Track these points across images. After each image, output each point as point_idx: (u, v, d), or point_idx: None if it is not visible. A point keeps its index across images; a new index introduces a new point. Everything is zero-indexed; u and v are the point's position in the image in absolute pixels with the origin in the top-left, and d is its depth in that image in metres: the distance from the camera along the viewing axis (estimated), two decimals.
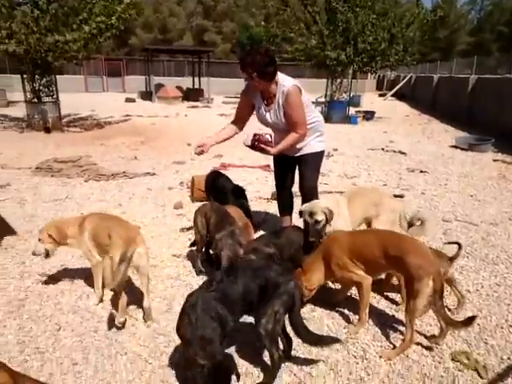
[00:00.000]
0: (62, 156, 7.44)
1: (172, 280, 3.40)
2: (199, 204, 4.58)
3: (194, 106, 19.58)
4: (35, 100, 11.14)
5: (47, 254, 3.07)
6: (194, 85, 24.80)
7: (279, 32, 15.37)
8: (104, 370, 2.36)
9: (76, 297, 3.13)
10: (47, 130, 10.60)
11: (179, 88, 23.31)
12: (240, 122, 3.77)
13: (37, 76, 10.96)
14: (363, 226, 3.58)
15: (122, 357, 2.47)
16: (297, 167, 3.93)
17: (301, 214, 3.32)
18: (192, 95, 22.71)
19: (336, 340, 2.41)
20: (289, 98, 3.41)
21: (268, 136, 3.54)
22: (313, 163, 3.80)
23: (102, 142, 9.46)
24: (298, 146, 3.66)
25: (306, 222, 3.23)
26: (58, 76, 11.65)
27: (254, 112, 3.74)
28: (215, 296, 2.06)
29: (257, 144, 3.51)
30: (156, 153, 8.40)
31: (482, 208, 5.27)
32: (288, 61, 17.82)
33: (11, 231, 4.29)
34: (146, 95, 22.68)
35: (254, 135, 3.51)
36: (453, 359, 2.46)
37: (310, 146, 3.72)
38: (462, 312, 2.93)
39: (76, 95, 21.10)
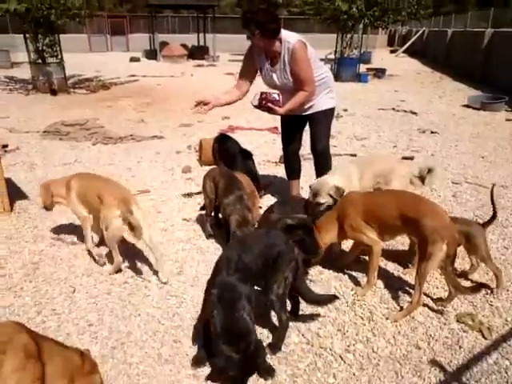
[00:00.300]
0: (69, 119, 7.41)
1: (183, 243, 3.46)
2: (207, 168, 4.62)
3: (199, 65, 19.18)
4: (39, 61, 10.96)
5: (46, 208, 3.28)
6: (199, 42, 24.17)
7: None
8: (118, 331, 2.45)
9: (89, 259, 3.21)
10: (53, 92, 10.49)
11: (184, 46, 22.75)
12: (243, 86, 3.65)
13: (40, 36, 10.74)
14: None
15: (136, 318, 2.56)
16: (306, 127, 3.88)
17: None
18: (197, 53, 22.21)
19: (334, 297, 2.50)
20: (294, 54, 3.31)
21: (275, 95, 3.44)
22: (324, 121, 3.72)
23: (108, 104, 9.38)
24: (307, 105, 3.59)
25: (308, 200, 3.23)
26: (60, 36, 11.39)
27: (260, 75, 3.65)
28: (238, 278, 2.03)
29: (264, 103, 3.42)
30: (163, 115, 8.33)
31: (493, 170, 5.21)
32: (297, 15, 17.20)
33: (23, 195, 4.36)
34: (151, 54, 22.20)
35: (261, 94, 3.43)
36: (458, 321, 2.51)
37: (320, 103, 3.62)
38: (471, 276, 2.96)
39: (80, 55, 20.71)
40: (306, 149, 4.32)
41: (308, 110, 3.64)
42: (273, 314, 2.40)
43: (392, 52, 26.02)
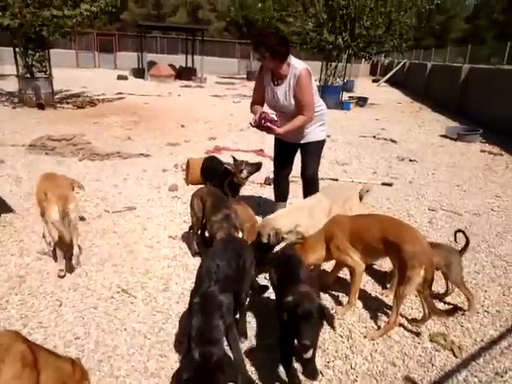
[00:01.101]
0: (55, 134, 7.45)
1: (169, 260, 3.54)
2: (194, 187, 4.73)
3: (186, 86, 19.45)
4: (28, 75, 11.00)
5: None
6: (187, 63, 24.55)
7: (276, 13, 15.23)
8: (105, 345, 2.50)
9: (75, 275, 3.25)
10: (40, 107, 10.51)
11: (172, 66, 23.07)
12: (258, 104, 3.81)
13: (30, 51, 10.80)
14: None
15: (122, 332, 2.61)
16: (297, 155, 4.10)
17: None
18: (185, 74, 22.52)
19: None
20: (300, 80, 3.52)
21: (273, 115, 3.61)
22: (316, 151, 3.98)
23: (95, 121, 9.45)
24: (303, 133, 3.80)
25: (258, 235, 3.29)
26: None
27: None
28: (219, 288, 2.12)
29: (263, 122, 3.58)
30: (150, 133, 8.44)
31: (467, 198, 5.47)
32: None
33: (8, 209, 4.37)
34: (139, 72, 22.41)
35: (261, 114, 3.60)
36: (431, 340, 2.65)
37: (314, 133, 3.87)
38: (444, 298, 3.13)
39: (67, 70, 20.77)
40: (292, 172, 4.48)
41: (303, 138, 3.86)
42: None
43: (374, 81, 26.89)
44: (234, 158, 4.45)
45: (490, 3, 42.51)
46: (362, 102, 15.03)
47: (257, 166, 4.33)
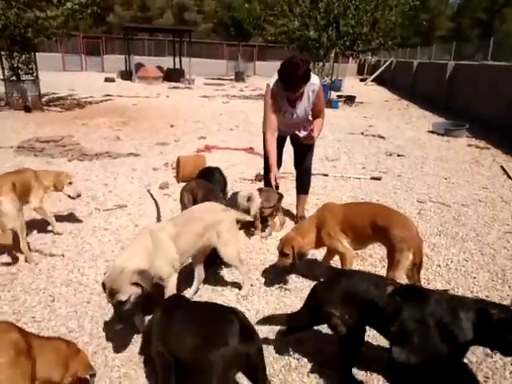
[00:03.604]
0: (43, 135, 7.40)
1: None
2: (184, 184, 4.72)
3: (175, 87, 19.41)
4: (14, 78, 10.90)
5: None
6: (174, 65, 24.48)
7: (261, 12, 15.30)
8: (99, 337, 2.51)
9: (68, 271, 3.25)
10: (27, 109, 10.43)
11: (160, 68, 23.01)
12: (274, 128, 3.76)
13: (15, 53, 10.71)
14: None
15: (116, 325, 2.61)
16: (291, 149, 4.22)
17: None
18: (173, 76, 22.46)
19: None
20: (319, 93, 3.75)
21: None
22: (313, 146, 4.14)
23: (83, 122, 9.40)
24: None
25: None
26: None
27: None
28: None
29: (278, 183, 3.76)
30: (139, 134, 8.42)
31: (455, 190, 5.55)
32: (271, 42, 17.76)
33: None
34: (126, 75, 22.29)
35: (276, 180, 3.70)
36: None
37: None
38: (434, 285, 3.18)
39: (54, 74, 20.57)
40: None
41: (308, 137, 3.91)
42: None
43: (362, 80, 27.06)
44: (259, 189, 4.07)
45: (472, 2, 43.18)
46: (349, 100, 15.13)
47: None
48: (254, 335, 1.86)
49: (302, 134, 3.88)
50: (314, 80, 3.66)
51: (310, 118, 3.98)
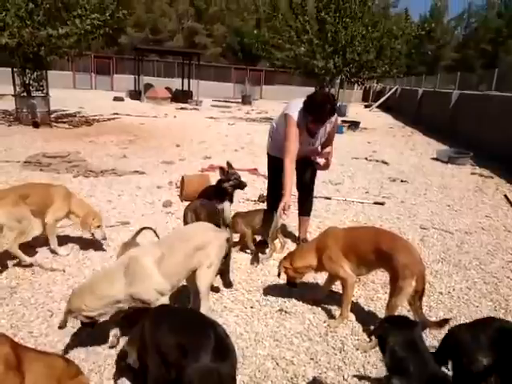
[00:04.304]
0: (50, 151, 7.49)
1: None
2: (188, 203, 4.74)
3: (182, 108, 19.68)
4: (24, 94, 11.11)
5: None
6: (183, 86, 24.90)
7: (270, 38, 15.64)
8: (96, 353, 2.48)
9: (68, 286, 3.23)
10: (36, 125, 10.58)
11: (168, 89, 23.39)
12: (294, 156, 3.74)
13: (27, 70, 10.94)
14: None
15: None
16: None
17: None
18: (181, 97, 22.82)
19: None
20: (335, 124, 3.92)
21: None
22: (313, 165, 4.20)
23: (90, 139, 9.51)
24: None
25: None
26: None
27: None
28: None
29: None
30: (145, 152, 8.50)
31: (458, 217, 5.54)
32: (278, 67, 18.06)
33: None
34: (135, 95, 22.69)
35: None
36: None
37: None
38: (435, 312, 3.15)
39: (64, 91, 20.96)
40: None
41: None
42: None
43: (366, 107, 27.37)
44: (228, 163, 4.48)
45: (478, 33, 43.91)
46: (354, 126, 15.25)
47: (243, 184, 4.39)
48: (229, 353, 1.81)
49: (319, 160, 4.01)
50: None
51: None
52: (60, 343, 2.56)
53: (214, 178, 5.85)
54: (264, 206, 4.76)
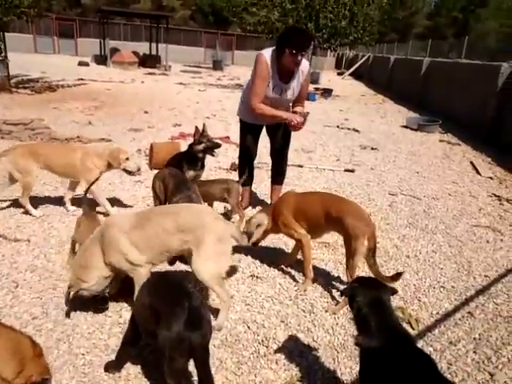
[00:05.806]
0: (11, 118, 7.13)
1: None
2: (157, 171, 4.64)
3: (150, 73, 19.04)
4: None
5: None
6: (151, 51, 24.02)
7: (242, 2, 15.16)
8: (64, 324, 2.44)
9: (33, 256, 3.14)
10: None
11: (135, 53, 22.52)
12: (261, 98, 3.61)
13: None
14: None
15: (82, 312, 2.55)
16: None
17: None
18: (149, 61, 22.07)
19: None
20: (307, 75, 3.65)
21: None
22: (290, 134, 4.15)
23: (54, 106, 9.11)
24: None
25: None
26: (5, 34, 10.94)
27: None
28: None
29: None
30: (111, 119, 8.22)
31: (426, 184, 5.66)
32: (250, 32, 17.61)
33: None
34: (101, 59, 21.76)
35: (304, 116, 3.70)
36: None
37: None
38: (402, 275, 3.23)
39: (24, 55, 19.88)
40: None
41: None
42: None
43: (339, 74, 27.23)
44: (204, 125, 4.30)
45: (449, 1, 43.94)
46: (326, 93, 15.19)
47: (216, 144, 4.25)
48: (202, 323, 1.79)
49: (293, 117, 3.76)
50: (305, 61, 3.61)
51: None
52: (26, 314, 2.50)
53: (185, 146, 5.71)
54: (236, 174, 4.71)
